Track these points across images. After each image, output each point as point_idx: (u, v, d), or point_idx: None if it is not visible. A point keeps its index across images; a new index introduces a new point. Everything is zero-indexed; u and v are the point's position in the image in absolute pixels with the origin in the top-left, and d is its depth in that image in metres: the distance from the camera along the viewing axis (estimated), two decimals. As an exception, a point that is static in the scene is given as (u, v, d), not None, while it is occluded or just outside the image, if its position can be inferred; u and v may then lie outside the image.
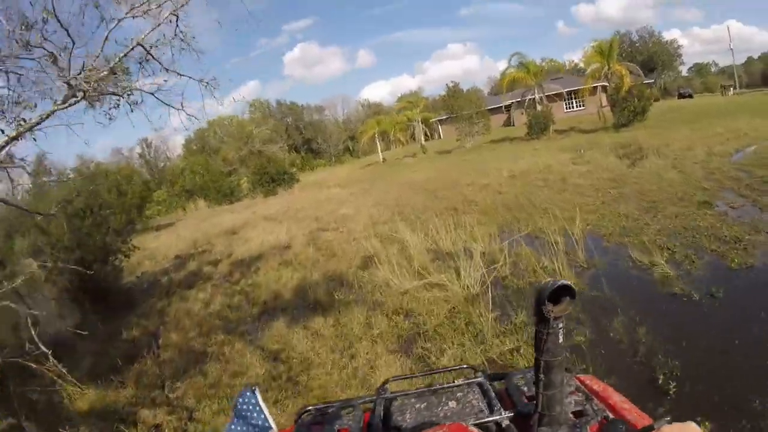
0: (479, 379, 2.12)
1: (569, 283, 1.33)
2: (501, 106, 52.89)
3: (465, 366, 2.68)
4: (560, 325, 1.39)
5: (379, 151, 45.68)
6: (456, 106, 37.00)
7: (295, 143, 67.96)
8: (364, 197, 21.82)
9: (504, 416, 1.79)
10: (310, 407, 2.15)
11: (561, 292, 1.34)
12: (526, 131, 35.46)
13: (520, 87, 39.48)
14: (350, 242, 13.17)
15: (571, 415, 1.68)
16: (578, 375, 2.04)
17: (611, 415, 1.65)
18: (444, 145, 43.45)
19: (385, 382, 2.28)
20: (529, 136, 34.84)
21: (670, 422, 1.20)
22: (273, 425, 1.68)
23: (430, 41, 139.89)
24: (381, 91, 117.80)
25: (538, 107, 36.80)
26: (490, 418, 1.81)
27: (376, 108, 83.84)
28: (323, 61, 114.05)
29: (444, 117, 55.60)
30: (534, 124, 34.64)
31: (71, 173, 33.02)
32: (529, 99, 37.83)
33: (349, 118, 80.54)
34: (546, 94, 38.23)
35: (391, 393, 2.14)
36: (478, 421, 1.76)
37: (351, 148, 73.35)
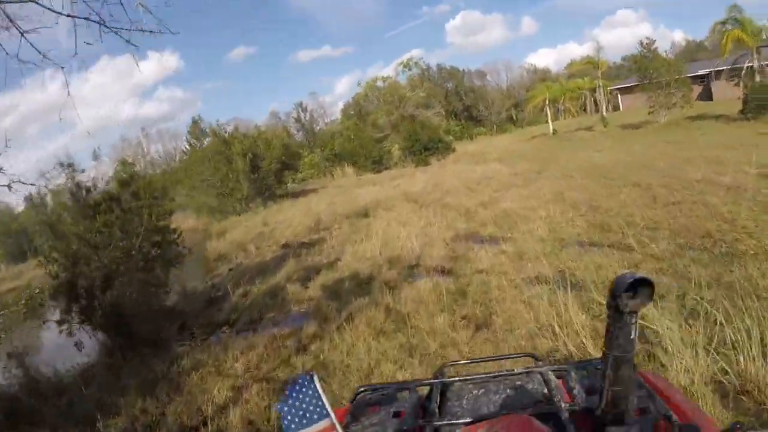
0: (540, 369, 1.91)
1: (649, 276, 1.19)
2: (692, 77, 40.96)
3: (525, 354, 2.39)
4: (634, 320, 1.24)
5: (549, 120, 37.61)
6: (652, 68, 27.65)
7: (454, 110, 61.84)
8: (534, 184, 15.21)
9: (564, 409, 1.61)
10: (365, 387, 2.01)
11: (639, 286, 1.19)
12: (741, 108, 25.29)
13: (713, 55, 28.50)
14: (522, 285, 6.84)
15: (632, 413, 1.43)
16: (641, 371, 1.80)
17: (674, 415, 1.48)
18: (627, 118, 34.27)
19: (443, 366, 2.11)
20: (744, 114, 24.82)
21: (740, 429, 1.08)
22: (330, 412, 1.48)
23: (600, 6, 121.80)
24: (546, 59, 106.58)
25: (757, 78, 25.92)
26: (549, 410, 1.64)
27: (543, 74, 73.94)
28: (485, 28, 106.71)
29: (625, 85, 45.72)
30: (752, 100, 24.38)
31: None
32: (747, 67, 26.82)
33: (513, 84, 72.08)
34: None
35: (449, 378, 1.99)
36: (535, 412, 1.59)
37: (514, 116, 65.56)
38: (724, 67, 29.75)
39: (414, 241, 10.43)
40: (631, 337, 1.27)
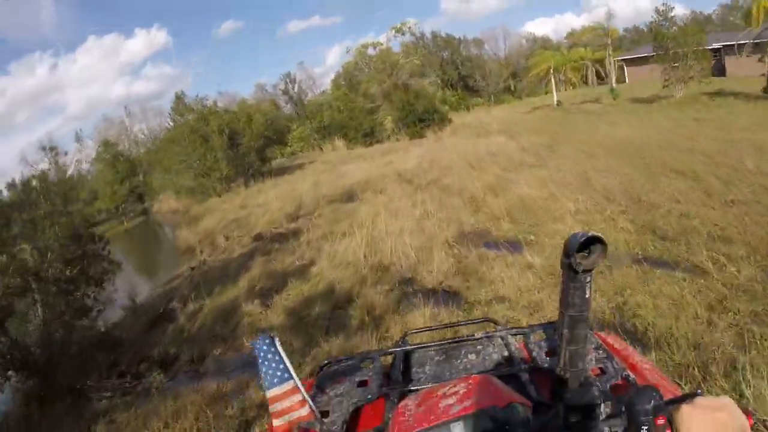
0: (499, 333, 1.96)
1: (600, 234, 1.18)
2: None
3: (485, 319, 2.49)
4: (588, 279, 1.25)
5: (554, 90, 35.01)
6: (669, 38, 24.86)
7: (450, 79, 58.78)
8: (550, 162, 12.95)
9: (524, 369, 1.68)
10: (329, 360, 2.03)
11: (591, 244, 1.20)
12: (765, 86, 22.82)
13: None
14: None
15: (590, 373, 1.55)
16: (598, 332, 1.90)
17: (632, 375, 1.54)
18: (636, 92, 31.68)
19: (405, 334, 2.14)
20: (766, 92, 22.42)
21: (702, 394, 0.97)
22: (293, 374, 1.51)
23: None
24: (545, 28, 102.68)
25: None
26: (509, 372, 1.69)
27: (543, 43, 70.87)
28: None
29: (632, 56, 43.02)
30: None
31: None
32: None
33: (511, 53, 68.96)
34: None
35: (411, 345, 2.00)
36: (497, 374, 1.62)
37: (512, 87, 62.82)
38: (747, 41, 26.84)
39: (408, 240, 8.22)
40: (586, 296, 1.27)
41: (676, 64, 24.64)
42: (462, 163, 15.72)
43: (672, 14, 26.53)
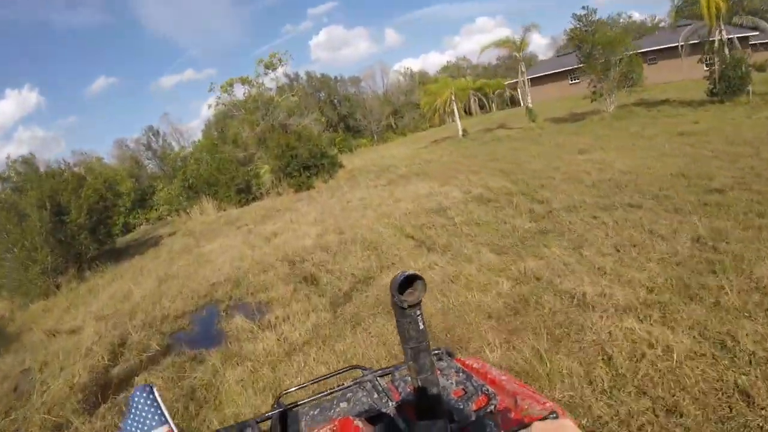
0: (367, 377, 1.96)
1: (416, 272, 1.24)
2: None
3: (352, 367, 2.51)
4: (418, 312, 1.30)
5: (457, 119, 30.42)
6: (596, 42, 21.13)
7: (329, 120, 53.62)
8: (573, 228, 7.31)
9: (391, 407, 1.67)
10: None
11: (411, 282, 1.25)
12: (711, 88, 19.94)
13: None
14: None
15: (452, 395, 1.63)
16: (459, 358, 1.97)
17: (492, 389, 1.59)
18: (547, 111, 28.31)
19: (279, 395, 2.11)
20: (714, 95, 19.54)
21: (556, 418, 1.14)
22: (169, 418, 1.47)
23: (457, 16, 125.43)
24: (414, 67, 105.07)
25: (726, 53, 20.48)
26: (379, 411, 1.69)
27: (422, 77, 68.66)
28: (350, 43, 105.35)
29: (531, 76, 40.83)
30: (725, 79, 19.01)
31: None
32: (716, 41, 20.99)
33: (390, 90, 65.97)
34: (732, 36, 21.59)
35: (286, 405, 1.98)
36: (368, 416, 1.65)
37: (393, 124, 59.26)
38: (679, 44, 23.88)
39: None
40: (420, 327, 1.31)
41: (607, 73, 20.86)
42: (394, 233, 9.66)
43: (596, 17, 23.00)
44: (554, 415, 1.28)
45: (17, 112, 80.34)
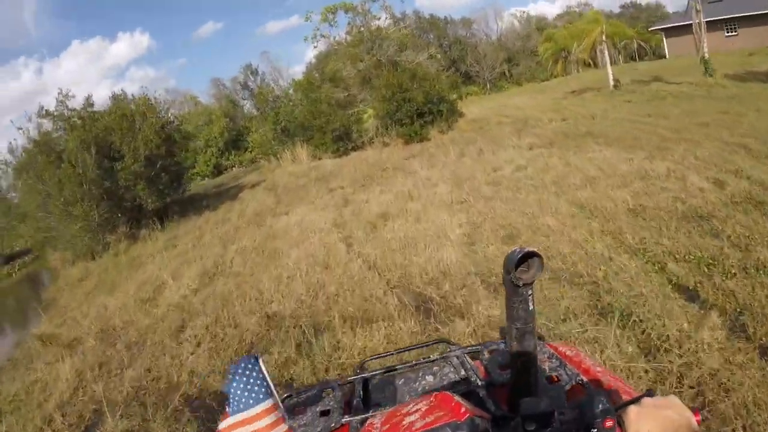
0: (455, 353, 1.88)
1: (536, 249, 1.16)
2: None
3: (439, 340, 2.41)
4: (530, 292, 1.24)
5: (608, 66, 23.56)
6: None
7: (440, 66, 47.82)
8: None
9: (481, 386, 1.61)
10: (289, 393, 1.89)
11: (529, 259, 1.18)
12: None
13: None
14: None
15: (545, 381, 1.53)
16: (550, 342, 1.85)
17: (585, 379, 1.51)
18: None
19: (363, 361, 2.14)
20: None
21: (651, 395, 1.01)
22: (274, 392, 1.39)
23: None
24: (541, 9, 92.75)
25: None
26: (467, 389, 1.62)
27: (539, 23, 59.77)
28: None
29: (670, 25, 33.38)
30: None
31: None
32: None
33: (505, 35, 58.18)
34: None
35: (369, 372, 1.92)
36: (455, 392, 1.49)
37: (507, 72, 52.08)
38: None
39: None
40: (530, 308, 1.26)
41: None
42: (643, 267, 4.63)
43: None
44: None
45: (129, 53, 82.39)
